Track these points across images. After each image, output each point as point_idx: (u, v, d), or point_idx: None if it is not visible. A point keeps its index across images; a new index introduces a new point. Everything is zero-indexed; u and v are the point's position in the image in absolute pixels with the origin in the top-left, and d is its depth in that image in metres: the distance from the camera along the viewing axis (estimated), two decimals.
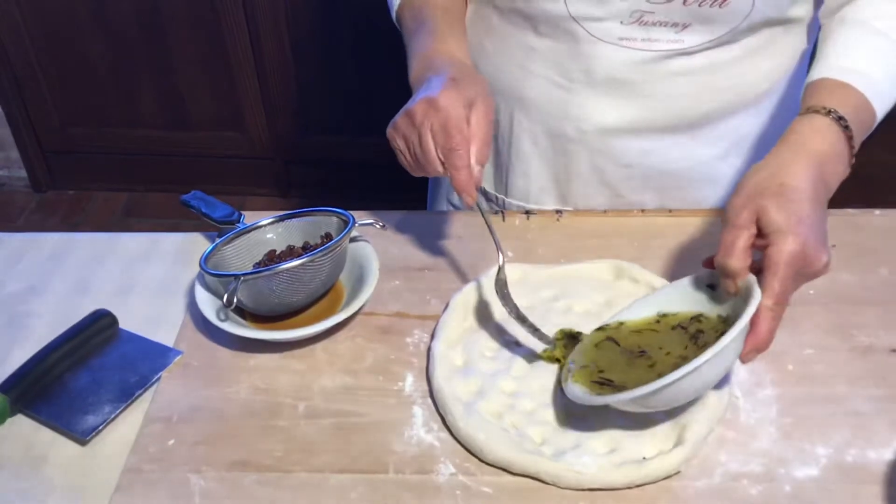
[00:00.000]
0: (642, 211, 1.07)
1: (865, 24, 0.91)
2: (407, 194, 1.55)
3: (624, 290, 0.94)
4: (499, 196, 1.15)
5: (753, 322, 0.74)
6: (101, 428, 0.84)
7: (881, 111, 0.88)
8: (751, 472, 0.77)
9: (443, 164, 0.83)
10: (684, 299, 0.85)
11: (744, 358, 0.76)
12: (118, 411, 0.85)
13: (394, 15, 1.02)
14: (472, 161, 0.83)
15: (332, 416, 0.83)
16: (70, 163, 2.79)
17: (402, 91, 0.87)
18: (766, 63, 1.00)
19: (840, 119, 0.83)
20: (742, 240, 0.77)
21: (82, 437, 0.83)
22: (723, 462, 0.78)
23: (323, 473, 0.78)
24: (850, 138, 0.83)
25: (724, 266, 0.78)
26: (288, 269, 0.87)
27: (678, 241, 1.01)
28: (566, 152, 1.06)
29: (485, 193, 1.16)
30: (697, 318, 0.83)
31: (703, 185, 1.09)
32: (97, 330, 0.92)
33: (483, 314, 0.93)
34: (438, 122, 0.82)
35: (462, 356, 0.88)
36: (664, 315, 0.85)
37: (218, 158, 2.72)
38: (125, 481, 0.79)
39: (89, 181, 2.81)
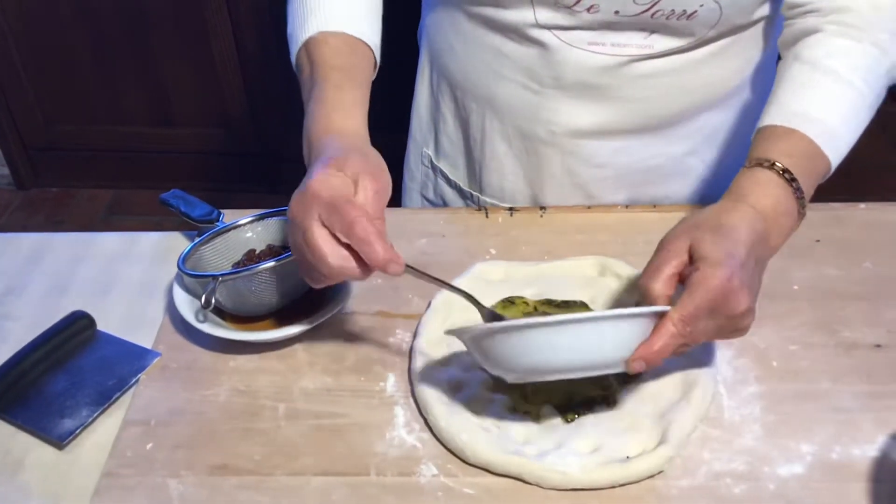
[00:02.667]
0: (626, 207, 1.06)
1: (818, 63, 0.87)
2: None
3: (608, 287, 0.94)
4: (473, 193, 1.14)
5: (652, 333, 0.72)
6: (78, 432, 0.82)
7: (836, 156, 0.85)
8: (735, 470, 0.76)
9: (346, 246, 0.72)
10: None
11: (630, 363, 0.72)
12: (96, 415, 0.84)
13: (293, 61, 0.92)
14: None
15: (312, 418, 0.82)
16: (54, 160, 2.77)
17: (390, 87, 0.85)
18: (733, 61, 1.00)
19: (785, 172, 0.81)
20: (670, 266, 0.75)
21: (59, 442, 0.82)
22: (707, 460, 0.77)
23: (304, 476, 0.77)
24: (797, 190, 0.81)
25: (647, 289, 0.76)
26: (267, 269, 0.86)
27: (662, 237, 1.00)
28: (538, 154, 1.06)
29: (459, 190, 1.16)
30: None
31: (673, 180, 1.09)
32: (74, 332, 0.91)
33: (465, 313, 0.92)
34: (324, 208, 0.71)
35: (444, 355, 0.88)
36: None
37: (203, 155, 2.71)
38: (103, 486, 0.77)
39: (73, 179, 2.79)
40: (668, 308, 0.73)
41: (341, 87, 0.85)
